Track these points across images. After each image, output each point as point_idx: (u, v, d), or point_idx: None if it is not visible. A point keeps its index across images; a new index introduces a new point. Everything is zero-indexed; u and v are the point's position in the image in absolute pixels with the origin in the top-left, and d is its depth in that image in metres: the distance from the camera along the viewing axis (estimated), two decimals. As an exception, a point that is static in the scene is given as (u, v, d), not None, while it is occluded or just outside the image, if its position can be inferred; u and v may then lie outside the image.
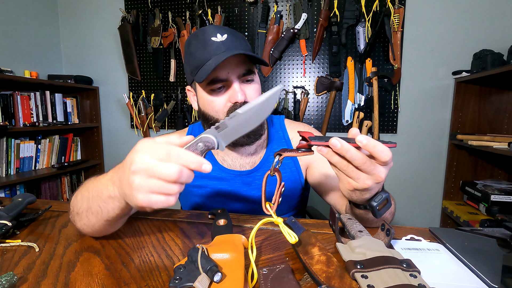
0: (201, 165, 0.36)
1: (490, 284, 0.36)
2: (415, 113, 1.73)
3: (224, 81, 0.63)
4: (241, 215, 0.65)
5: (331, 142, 0.39)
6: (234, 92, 0.63)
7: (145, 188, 0.35)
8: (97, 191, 0.43)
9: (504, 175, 1.63)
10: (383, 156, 0.39)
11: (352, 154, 0.39)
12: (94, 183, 0.45)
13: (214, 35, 0.62)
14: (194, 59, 0.63)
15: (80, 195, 0.48)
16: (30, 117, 1.80)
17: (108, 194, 0.41)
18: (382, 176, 0.41)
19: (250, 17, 1.85)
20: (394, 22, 1.61)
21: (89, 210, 0.45)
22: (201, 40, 0.63)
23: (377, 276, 0.35)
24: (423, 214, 1.81)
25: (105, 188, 0.42)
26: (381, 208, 0.46)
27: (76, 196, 0.49)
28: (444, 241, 0.48)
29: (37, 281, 0.39)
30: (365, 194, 0.44)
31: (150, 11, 1.97)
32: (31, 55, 1.99)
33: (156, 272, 0.41)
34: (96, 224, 0.46)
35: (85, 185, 0.48)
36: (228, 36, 0.62)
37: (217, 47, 0.60)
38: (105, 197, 0.42)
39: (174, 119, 2.03)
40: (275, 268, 0.39)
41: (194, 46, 0.63)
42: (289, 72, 1.84)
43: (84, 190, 0.48)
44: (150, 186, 0.35)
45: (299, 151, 0.43)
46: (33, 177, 1.74)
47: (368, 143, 0.39)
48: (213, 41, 0.61)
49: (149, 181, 0.35)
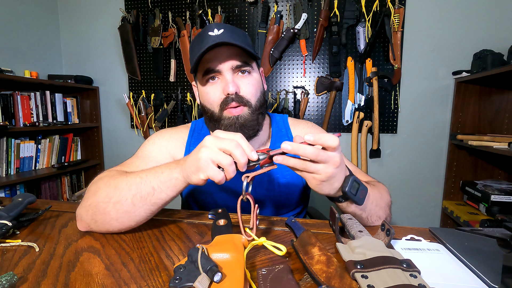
0: (250, 153, 0.44)
1: (490, 284, 0.36)
2: (415, 113, 1.73)
3: (217, 72, 0.65)
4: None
5: (282, 146, 0.44)
6: (226, 83, 0.64)
7: (212, 159, 0.43)
8: (155, 173, 0.50)
9: (504, 175, 1.63)
10: (331, 142, 0.44)
11: (304, 149, 0.44)
12: (147, 173, 0.51)
13: (211, 30, 0.64)
14: (193, 53, 0.67)
15: (123, 183, 0.51)
16: (30, 117, 1.80)
17: (171, 175, 0.49)
18: (337, 160, 0.45)
19: (250, 17, 1.85)
20: (394, 22, 1.61)
21: (137, 195, 0.50)
22: (200, 36, 0.66)
23: (377, 276, 0.35)
24: (423, 214, 1.81)
25: (167, 170, 0.50)
26: (356, 192, 0.50)
27: (111, 186, 0.52)
28: (444, 241, 0.48)
29: (37, 281, 0.39)
30: (334, 183, 0.48)
31: (150, 11, 1.97)
32: (31, 55, 1.99)
33: (156, 272, 0.41)
34: (139, 209, 0.50)
35: (121, 177, 0.53)
36: (225, 30, 0.64)
37: (212, 40, 0.62)
38: (166, 177, 0.49)
39: (174, 119, 2.03)
40: (274, 268, 0.39)
41: (195, 42, 0.67)
42: (289, 72, 1.84)
43: (130, 179, 0.51)
44: (217, 157, 0.43)
45: (264, 167, 0.46)
46: (33, 177, 1.74)
47: (315, 137, 0.44)
48: (209, 35, 0.63)
49: (218, 155, 0.43)
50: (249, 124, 0.66)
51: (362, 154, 1.78)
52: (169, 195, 0.50)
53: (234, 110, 0.65)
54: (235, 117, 0.65)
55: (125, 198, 0.50)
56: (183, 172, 0.48)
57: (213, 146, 0.44)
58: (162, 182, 0.49)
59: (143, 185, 0.50)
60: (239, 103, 0.65)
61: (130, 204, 0.50)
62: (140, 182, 0.50)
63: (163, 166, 0.52)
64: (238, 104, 0.65)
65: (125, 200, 0.50)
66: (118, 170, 0.60)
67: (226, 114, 0.66)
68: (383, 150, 1.79)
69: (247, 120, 0.66)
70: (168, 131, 0.79)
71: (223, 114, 0.66)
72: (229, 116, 0.65)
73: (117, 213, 0.50)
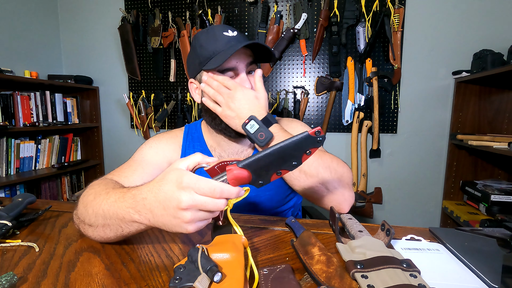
0: (239, 193, 0.40)
1: (490, 284, 0.36)
2: (415, 113, 1.73)
3: (233, 70, 0.67)
4: (241, 215, 0.65)
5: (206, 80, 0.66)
6: (242, 81, 0.66)
7: (195, 220, 0.39)
8: (116, 214, 0.44)
9: (504, 175, 1.63)
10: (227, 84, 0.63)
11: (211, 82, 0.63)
12: (109, 205, 0.45)
13: (225, 30, 0.66)
14: (205, 50, 0.66)
15: (91, 209, 0.48)
16: (30, 117, 1.80)
17: (132, 219, 0.43)
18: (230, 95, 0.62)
19: (250, 17, 1.85)
20: (394, 22, 1.61)
21: (106, 227, 0.46)
22: (212, 35, 0.66)
23: (377, 276, 0.35)
24: (423, 214, 1.81)
25: (127, 215, 0.43)
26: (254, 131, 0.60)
27: (87, 209, 0.49)
28: (444, 241, 0.48)
29: (37, 281, 0.39)
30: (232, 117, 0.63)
31: (150, 11, 1.97)
32: (31, 55, 1.99)
33: (156, 272, 0.41)
34: (114, 237, 0.47)
35: (95, 200, 0.48)
36: (238, 33, 0.68)
37: (229, 40, 0.65)
38: (129, 221, 0.43)
39: (174, 119, 2.03)
40: (276, 268, 0.39)
41: (204, 39, 0.67)
42: (289, 72, 1.84)
43: (96, 206, 0.47)
44: (199, 218, 0.39)
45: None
46: (33, 177, 1.74)
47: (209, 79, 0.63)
48: (224, 35, 0.65)
49: (199, 214, 0.39)
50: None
51: (362, 154, 1.78)
52: (141, 231, 0.46)
53: None
54: None
55: (96, 224, 0.47)
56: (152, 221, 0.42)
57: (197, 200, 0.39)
58: (127, 224, 0.44)
59: (110, 221, 0.45)
60: None
61: (102, 231, 0.47)
62: (105, 217, 0.46)
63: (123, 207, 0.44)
64: None
65: (96, 226, 0.47)
66: (108, 182, 0.57)
67: None
68: (383, 150, 1.79)
69: None
70: (163, 135, 0.80)
71: None
72: None
73: (94, 233, 0.49)
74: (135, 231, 0.45)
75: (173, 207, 0.38)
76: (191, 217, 0.38)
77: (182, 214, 0.38)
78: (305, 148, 0.41)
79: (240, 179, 0.40)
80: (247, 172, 0.40)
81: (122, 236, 0.47)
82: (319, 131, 0.40)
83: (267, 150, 0.40)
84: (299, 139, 0.40)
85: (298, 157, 0.41)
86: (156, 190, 0.40)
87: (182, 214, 0.38)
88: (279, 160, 0.41)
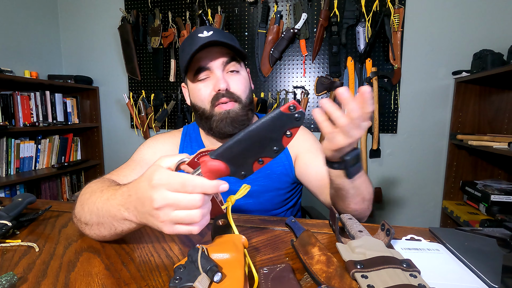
0: (219, 187, 0.36)
1: (490, 284, 0.36)
2: (415, 113, 1.73)
3: (207, 70, 0.68)
4: (241, 215, 0.65)
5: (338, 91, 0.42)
6: (216, 80, 0.67)
7: (170, 221, 0.37)
8: (108, 212, 0.44)
9: (504, 175, 1.63)
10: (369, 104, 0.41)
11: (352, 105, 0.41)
12: (103, 203, 0.45)
13: (201, 32, 0.68)
14: (184, 53, 0.69)
15: (87, 207, 0.48)
16: (30, 117, 1.80)
17: (123, 217, 0.42)
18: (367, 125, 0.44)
19: (250, 17, 1.85)
20: (394, 22, 1.61)
21: (100, 225, 0.46)
22: (190, 38, 0.69)
23: (377, 276, 0.35)
24: (423, 214, 1.81)
25: (118, 212, 0.42)
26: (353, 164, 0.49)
27: (83, 207, 0.49)
28: (444, 241, 0.48)
29: (37, 281, 0.39)
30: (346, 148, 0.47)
31: (150, 11, 1.97)
32: (31, 55, 1.99)
33: (156, 272, 0.41)
34: (108, 235, 0.47)
35: (91, 198, 0.48)
36: (214, 32, 0.68)
37: (202, 41, 0.65)
38: (120, 219, 0.43)
39: (174, 119, 2.03)
40: (276, 267, 0.39)
41: (186, 44, 0.70)
42: (289, 72, 1.84)
43: (91, 204, 0.47)
44: (175, 218, 0.36)
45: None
46: (33, 177, 1.74)
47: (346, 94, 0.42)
48: (199, 37, 0.67)
49: (174, 213, 0.36)
50: (240, 119, 0.69)
51: (362, 154, 1.78)
52: (133, 230, 0.45)
53: (225, 105, 0.68)
54: (226, 112, 0.68)
55: (91, 223, 0.47)
56: (138, 217, 0.41)
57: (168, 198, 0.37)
58: (119, 222, 0.44)
59: (103, 219, 0.45)
60: (230, 99, 0.68)
61: (96, 229, 0.47)
62: (98, 215, 0.46)
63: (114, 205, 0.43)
64: (228, 99, 0.68)
65: (92, 224, 0.47)
66: (104, 180, 0.57)
67: (217, 110, 0.68)
68: (383, 150, 1.79)
69: (238, 114, 0.68)
70: (162, 135, 0.81)
71: (214, 110, 0.69)
72: (220, 111, 0.68)
73: (90, 232, 0.49)
74: (127, 229, 0.44)
75: (148, 205, 0.37)
76: (164, 217, 0.36)
77: (156, 213, 0.37)
78: (283, 128, 0.36)
79: (216, 171, 0.37)
80: (222, 163, 0.37)
81: (116, 235, 0.46)
82: (294, 106, 0.35)
83: (237, 135, 0.36)
84: (271, 118, 0.35)
85: (278, 140, 0.36)
86: (136, 187, 0.39)
87: (156, 213, 0.37)
88: (255, 146, 0.36)
